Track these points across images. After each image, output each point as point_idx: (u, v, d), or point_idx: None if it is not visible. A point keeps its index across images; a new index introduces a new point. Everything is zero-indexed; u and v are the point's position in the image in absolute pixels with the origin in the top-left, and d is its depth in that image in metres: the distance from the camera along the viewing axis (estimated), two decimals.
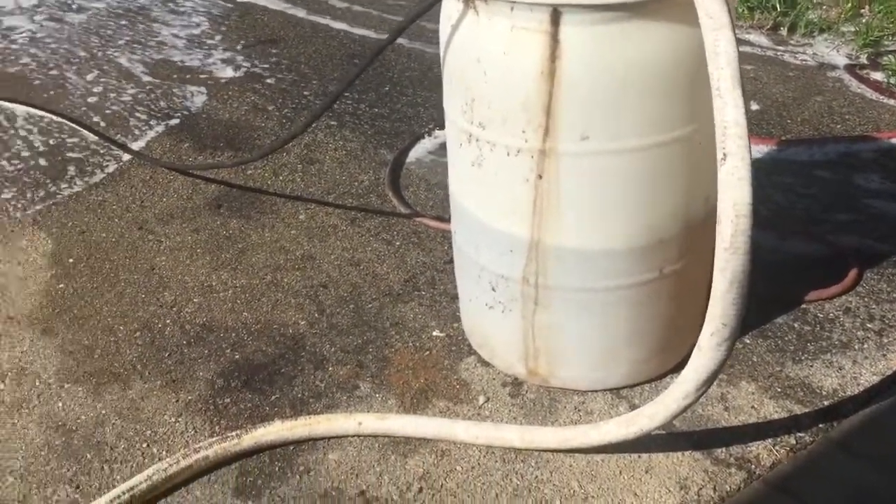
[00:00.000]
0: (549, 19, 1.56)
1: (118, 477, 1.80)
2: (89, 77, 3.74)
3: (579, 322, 1.85)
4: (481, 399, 1.98)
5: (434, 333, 2.19)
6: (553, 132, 1.63)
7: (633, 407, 1.90)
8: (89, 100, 3.51)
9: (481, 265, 1.92)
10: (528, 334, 1.92)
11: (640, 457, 1.78)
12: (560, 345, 1.90)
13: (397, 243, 2.56)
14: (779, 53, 3.78)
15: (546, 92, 1.60)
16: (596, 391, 1.97)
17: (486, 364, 2.08)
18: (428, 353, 2.13)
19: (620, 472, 1.76)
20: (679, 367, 1.99)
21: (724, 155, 1.40)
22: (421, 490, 1.76)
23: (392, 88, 3.54)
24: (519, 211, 1.75)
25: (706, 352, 1.50)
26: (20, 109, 3.36)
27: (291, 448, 1.87)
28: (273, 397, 2.01)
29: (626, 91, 1.60)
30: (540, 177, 1.68)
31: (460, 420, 1.89)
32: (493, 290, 1.92)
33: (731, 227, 1.40)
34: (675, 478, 1.74)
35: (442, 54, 1.81)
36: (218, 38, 4.15)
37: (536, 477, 1.77)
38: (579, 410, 1.93)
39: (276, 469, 1.82)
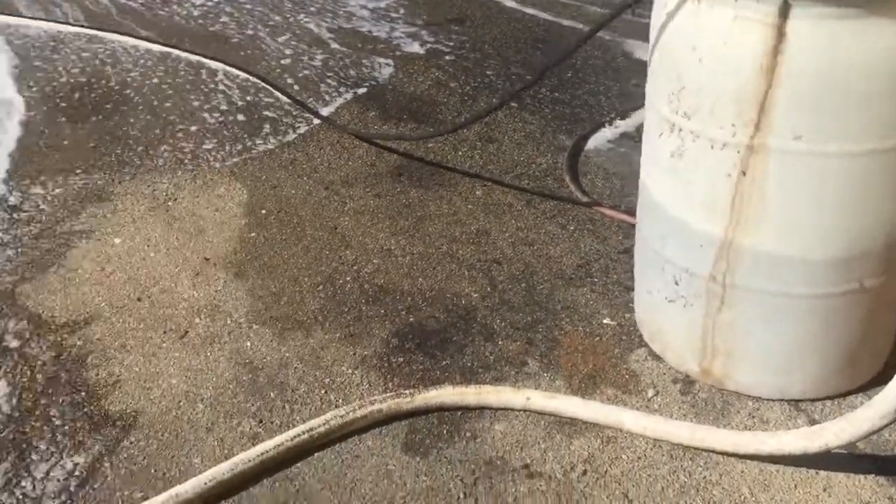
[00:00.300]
0: (776, 12, 1.51)
1: (297, 417, 1.91)
2: (281, 39, 3.93)
3: (765, 326, 1.80)
4: (650, 392, 1.96)
5: (605, 321, 2.19)
6: (764, 128, 1.59)
7: (812, 421, 1.84)
8: (283, 62, 3.70)
9: (666, 258, 1.90)
10: (708, 333, 1.88)
11: (817, 473, 1.72)
12: (741, 347, 1.86)
13: (571, 228, 2.57)
14: None
15: (763, 86, 1.56)
16: (773, 400, 1.91)
17: (656, 357, 2.06)
18: (598, 339, 2.13)
19: (796, 487, 1.71)
20: (865, 386, 1.91)
21: None
22: (585, 472, 1.77)
23: (574, 75, 3.53)
24: (716, 206, 1.72)
25: None
26: (220, 66, 3.59)
27: (459, 413, 1.92)
28: (444, 363, 2.07)
29: (849, 93, 1.53)
30: (744, 173, 1.64)
31: (629, 409, 1.88)
32: (676, 283, 1.89)
33: None
34: (857, 501, 1.66)
35: (652, 41, 1.79)
36: (402, 11, 4.26)
37: (705, 477, 1.74)
38: (753, 417, 1.88)
39: (444, 431, 1.88)
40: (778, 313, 1.77)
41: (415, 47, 3.83)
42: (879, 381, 1.89)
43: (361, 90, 3.44)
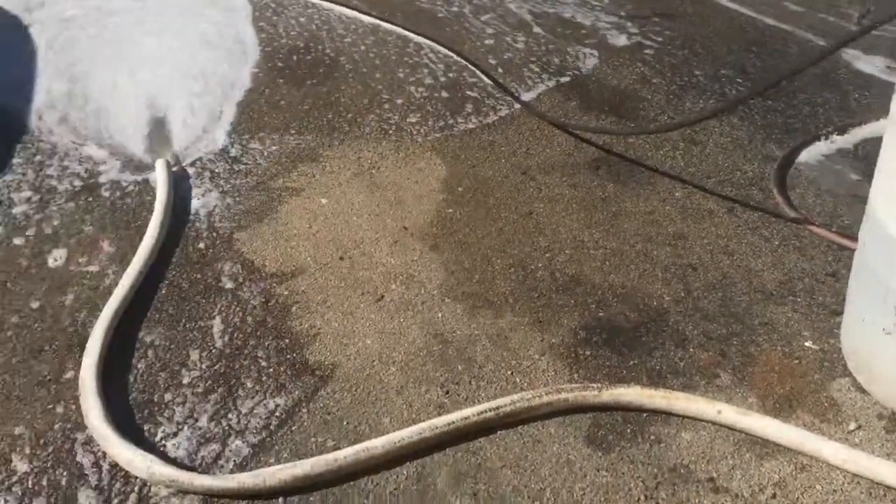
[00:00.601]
0: None
1: (483, 394, 1.95)
2: (483, 18, 3.98)
3: None
4: (852, 425, 1.86)
5: (806, 344, 2.09)
6: None
7: None
8: (486, 41, 3.74)
9: (891, 287, 1.78)
10: None
11: None
12: None
13: (776, 242, 2.46)
14: None
15: None
16: None
17: (861, 390, 1.94)
18: (797, 361, 2.04)
19: None
20: None
21: None
22: (774, 496, 1.70)
23: (790, 82, 3.36)
24: None
25: None
26: (426, 42, 3.67)
27: (644, 415, 1.90)
28: (631, 362, 2.05)
29: None
30: None
31: (828, 439, 1.79)
32: None
33: None
34: None
35: None
36: (606, 1, 4.20)
37: None
38: None
39: (628, 430, 1.86)
40: None
41: (621, 40, 3.77)
42: None
43: (564, 79, 3.43)
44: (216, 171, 2.74)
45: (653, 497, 1.70)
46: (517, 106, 3.20)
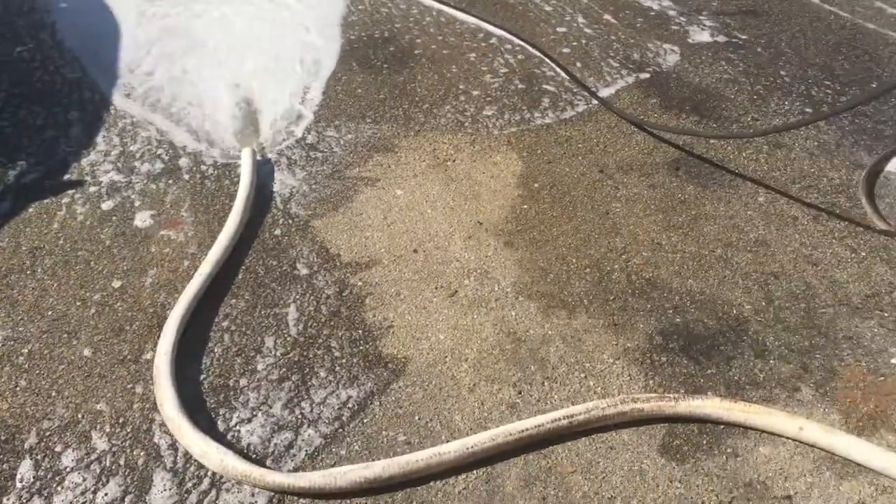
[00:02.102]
0: None
1: (556, 396, 1.93)
2: (563, 12, 3.92)
3: None
4: None
5: (892, 361, 2.01)
6: None
7: None
8: (559, 29, 3.68)
9: None
10: None
11: None
12: None
13: (863, 254, 2.37)
14: None
15: None
16: None
17: None
18: (883, 378, 1.97)
19: None
20: None
21: None
22: None
23: (881, 86, 3.23)
24: None
25: None
26: (503, 34, 3.64)
27: (721, 427, 1.85)
28: (709, 371, 2.00)
29: None
30: None
31: None
32: None
33: None
34: None
35: None
36: None
37: None
38: None
39: (704, 442, 1.82)
40: None
41: (704, 36, 3.67)
42: None
43: (644, 75, 3.36)
44: (293, 157, 2.76)
45: None
46: (595, 102, 3.15)
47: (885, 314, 2.16)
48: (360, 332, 2.09)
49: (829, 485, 1.72)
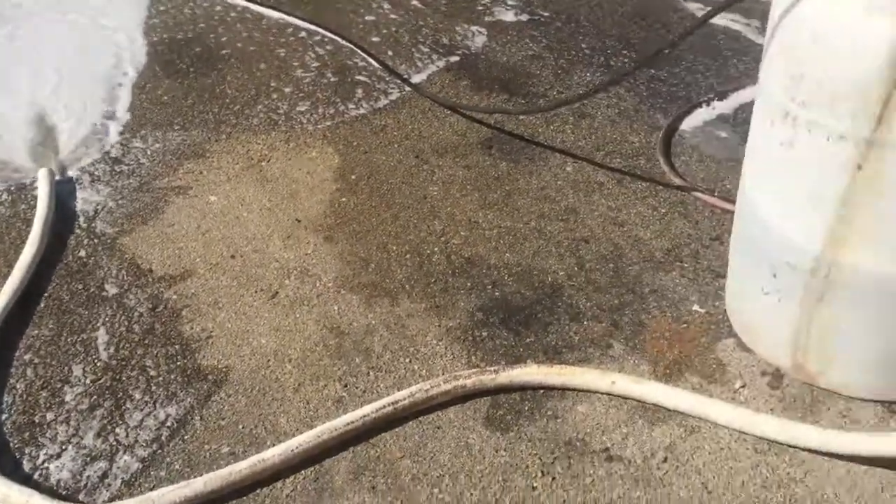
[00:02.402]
0: None
1: (382, 385, 1.94)
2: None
3: (868, 326, 1.73)
4: (737, 384, 1.92)
5: (693, 308, 2.15)
6: (886, 122, 1.52)
7: None
8: (367, 17, 3.69)
9: (765, 249, 1.84)
10: (803, 328, 1.83)
11: None
12: (838, 345, 1.80)
13: (663, 210, 2.52)
14: None
15: (891, 80, 1.48)
16: (865, 400, 1.85)
17: (745, 349, 2.01)
18: (685, 326, 2.10)
19: (882, 489, 1.66)
20: None
21: None
22: (665, 460, 1.75)
23: (671, 52, 3.43)
24: (825, 200, 1.65)
25: None
26: (312, 27, 3.60)
27: (541, 392, 1.92)
28: (528, 340, 2.07)
29: None
30: (859, 167, 1.57)
31: (715, 400, 1.85)
32: (774, 276, 1.84)
33: None
34: None
35: (773, 22, 1.72)
36: None
37: (788, 474, 1.70)
38: (844, 417, 1.83)
39: (526, 408, 1.88)
40: (883, 314, 1.71)
41: (508, 15, 3.77)
42: None
43: (454, 58, 3.41)
44: (96, 173, 2.63)
45: (549, 473, 1.73)
46: (408, 88, 3.17)
47: (685, 265, 2.30)
48: (176, 346, 2.02)
49: (642, 432, 1.82)
